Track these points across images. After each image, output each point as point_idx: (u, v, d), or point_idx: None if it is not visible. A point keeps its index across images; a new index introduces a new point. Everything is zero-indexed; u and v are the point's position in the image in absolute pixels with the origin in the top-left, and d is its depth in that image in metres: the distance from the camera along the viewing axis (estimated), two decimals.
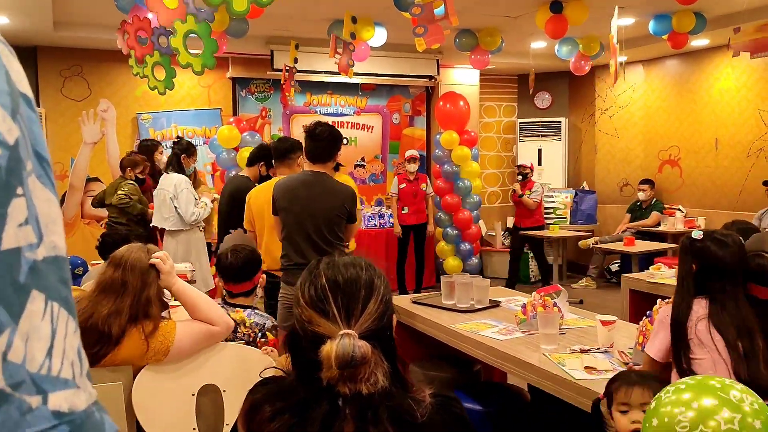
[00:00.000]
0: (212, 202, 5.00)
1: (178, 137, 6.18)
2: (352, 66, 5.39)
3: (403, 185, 7.00)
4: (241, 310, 2.62)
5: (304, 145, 3.52)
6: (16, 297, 0.37)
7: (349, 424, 1.06)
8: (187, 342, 2.17)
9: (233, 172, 5.94)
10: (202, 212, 4.81)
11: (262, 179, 4.53)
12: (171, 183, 4.78)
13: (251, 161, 4.68)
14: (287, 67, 6.27)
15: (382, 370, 1.08)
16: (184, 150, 4.96)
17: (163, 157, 5.49)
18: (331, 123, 3.63)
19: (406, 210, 6.99)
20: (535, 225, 7.25)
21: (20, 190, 0.38)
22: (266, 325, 2.62)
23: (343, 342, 1.05)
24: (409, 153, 7.11)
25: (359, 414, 1.06)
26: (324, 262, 1.18)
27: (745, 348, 2.00)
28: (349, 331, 1.08)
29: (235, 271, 2.68)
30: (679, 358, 2.08)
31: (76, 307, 0.44)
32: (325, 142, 3.43)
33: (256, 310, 2.66)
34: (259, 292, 2.86)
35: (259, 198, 3.91)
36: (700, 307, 2.11)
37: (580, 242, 7.40)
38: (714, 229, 2.28)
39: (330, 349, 1.05)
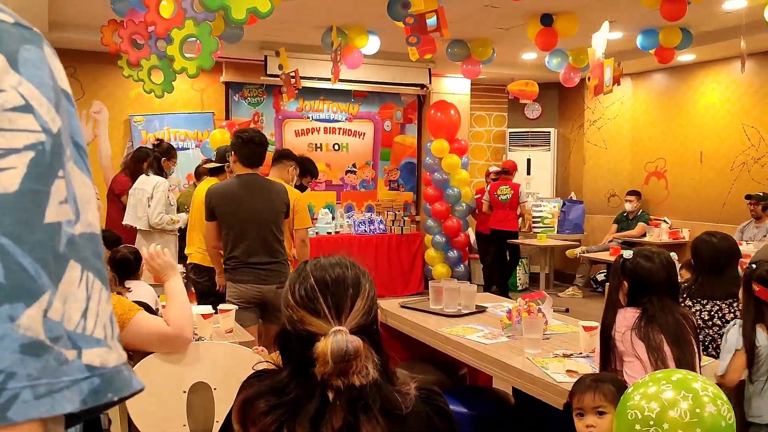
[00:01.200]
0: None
1: (158, 140, 6.21)
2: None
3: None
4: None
5: (235, 150, 3.62)
6: (56, 264, 0.43)
7: (338, 414, 1.11)
8: (143, 330, 2.18)
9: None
10: (167, 221, 4.84)
11: None
12: (150, 184, 4.84)
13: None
14: (290, 73, 6.32)
15: (372, 363, 1.14)
16: (164, 153, 5.02)
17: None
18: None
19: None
20: (507, 228, 7.33)
21: (61, 173, 0.44)
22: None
23: (336, 338, 1.11)
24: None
25: (350, 405, 1.12)
26: (311, 264, 1.24)
27: (676, 357, 2.10)
28: (341, 327, 1.14)
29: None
30: (605, 366, 2.22)
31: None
32: (261, 147, 3.60)
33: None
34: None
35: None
36: (628, 319, 2.22)
37: (567, 251, 7.51)
38: (643, 248, 2.43)
39: (325, 345, 1.11)
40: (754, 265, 2.34)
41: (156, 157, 4.93)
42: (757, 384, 2.27)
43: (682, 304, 2.83)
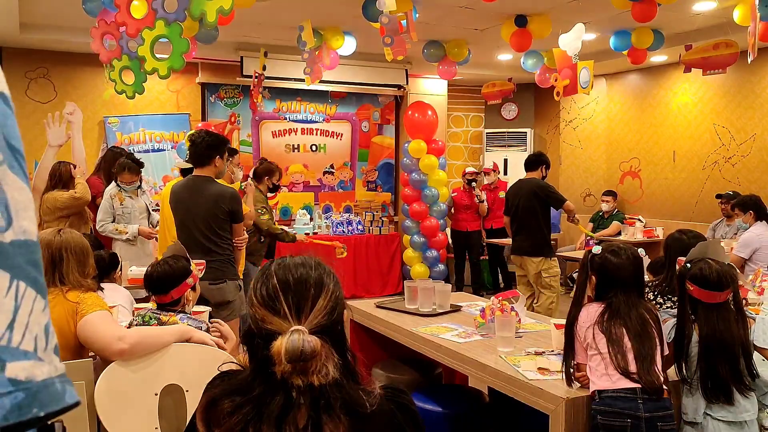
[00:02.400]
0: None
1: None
2: (317, 72, 5.48)
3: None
4: (174, 314, 2.63)
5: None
6: None
7: (302, 412, 1.12)
8: (87, 328, 2.23)
9: None
10: (110, 230, 4.81)
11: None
12: (108, 188, 4.85)
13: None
14: (256, 74, 6.31)
15: (333, 363, 1.14)
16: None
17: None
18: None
19: None
20: (478, 229, 7.66)
21: None
22: (202, 329, 2.65)
23: (292, 338, 1.12)
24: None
25: (312, 403, 1.12)
26: (275, 263, 1.25)
27: (635, 350, 2.15)
28: (300, 327, 1.14)
29: (153, 282, 2.64)
30: (569, 358, 2.28)
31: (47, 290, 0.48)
32: (201, 148, 3.68)
33: (190, 315, 2.65)
34: (189, 306, 2.75)
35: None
36: (591, 314, 2.27)
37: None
38: (611, 244, 2.47)
39: (280, 344, 1.12)
40: (688, 265, 2.38)
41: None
42: (691, 383, 2.31)
43: (654, 301, 2.87)
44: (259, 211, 4.89)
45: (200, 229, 3.64)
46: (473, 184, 7.73)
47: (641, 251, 2.42)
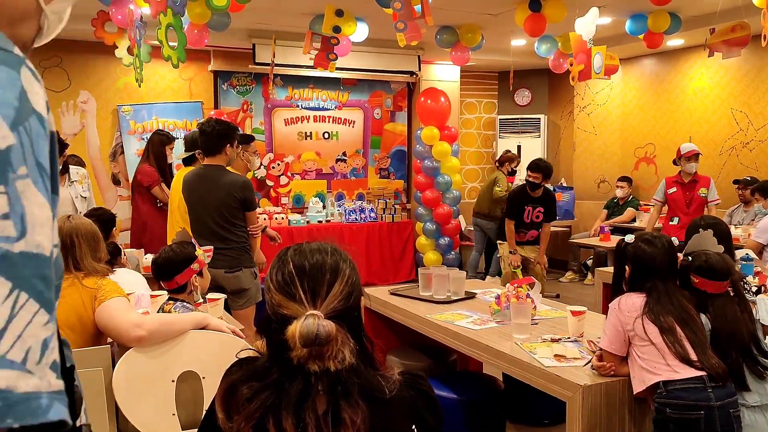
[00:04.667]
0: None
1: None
2: (335, 60, 5.42)
3: (674, 189, 5.74)
4: (172, 303, 2.63)
5: (200, 141, 3.82)
6: None
7: (322, 398, 1.12)
8: (104, 314, 2.25)
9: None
10: None
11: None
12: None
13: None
14: (272, 62, 6.29)
15: (349, 348, 1.14)
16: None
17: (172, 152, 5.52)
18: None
19: (675, 221, 5.66)
20: None
21: (2, 189, 0.43)
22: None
23: (307, 322, 1.11)
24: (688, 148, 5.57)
25: (330, 389, 1.12)
26: (292, 249, 1.25)
27: (689, 338, 2.11)
28: (315, 311, 1.14)
29: (158, 268, 2.66)
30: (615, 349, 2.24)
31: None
32: (211, 137, 3.69)
33: (185, 303, 2.62)
34: (196, 293, 2.73)
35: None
36: (637, 303, 2.24)
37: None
38: (644, 232, 2.44)
39: (294, 328, 1.11)
40: (690, 257, 2.37)
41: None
42: None
43: None
44: None
45: (214, 218, 3.65)
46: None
47: (674, 239, 2.40)
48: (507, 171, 7.03)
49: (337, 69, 6.85)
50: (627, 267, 2.35)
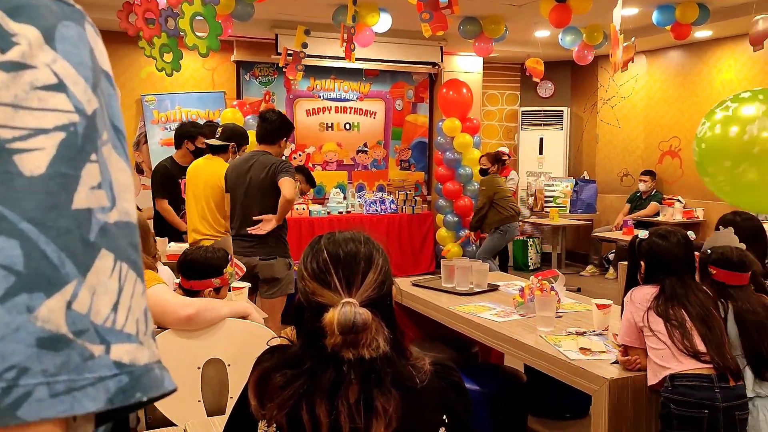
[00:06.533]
0: None
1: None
2: (353, 50, 5.42)
3: None
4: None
5: (256, 128, 3.87)
6: (84, 253, 0.40)
7: (354, 387, 1.12)
8: (150, 301, 2.24)
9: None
10: None
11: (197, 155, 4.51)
12: None
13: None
14: (289, 51, 6.29)
15: (383, 336, 1.14)
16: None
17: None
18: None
19: None
20: None
21: (94, 157, 0.41)
22: None
23: (344, 309, 1.12)
24: None
25: (363, 377, 1.12)
26: (325, 238, 1.25)
27: (702, 333, 2.08)
28: (351, 299, 1.14)
29: (183, 264, 2.58)
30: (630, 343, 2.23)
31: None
32: (275, 125, 3.76)
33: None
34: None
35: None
36: (648, 295, 2.22)
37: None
38: (658, 228, 2.42)
39: (332, 316, 1.12)
40: (709, 250, 2.37)
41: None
42: None
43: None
44: None
45: (259, 204, 3.67)
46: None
47: (691, 234, 2.37)
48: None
49: (360, 60, 6.84)
50: (642, 263, 2.32)
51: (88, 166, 0.41)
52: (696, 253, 2.41)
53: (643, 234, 2.36)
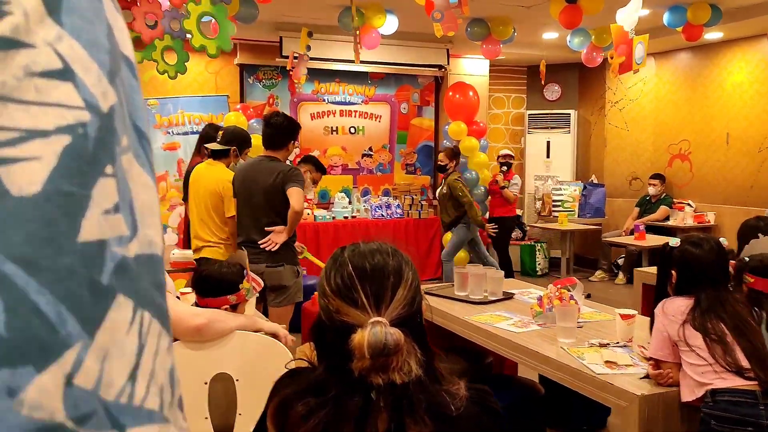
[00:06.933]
0: None
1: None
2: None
3: None
4: None
5: (262, 132, 3.79)
6: (93, 303, 0.29)
7: (383, 415, 1.01)
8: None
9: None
10: None
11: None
12: None
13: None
14: (295, 54, 6.20)
15: (415, 359, 1.03)
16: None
17: None
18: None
19: None
20: (508, 215, 7.29)
21: (110, 169, 0.31)
22: None
23: (374, 330, 1.01)
24: None
25: (394, 405, 1.01)
26: (348, 250, 1.13)
27: (744, 347, 1.97)
28: (380, 318, 1.03)
29: (197, 280, 2.43)
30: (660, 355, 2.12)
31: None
32: (281, 129, 3.68)
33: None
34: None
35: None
36: (683, 307, 2.11)
37: None
38: (690, 235, 2.32)
39: (362, 337, 1.01)
40: (746, 258, 2.28)
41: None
42: None
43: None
44: None
45: (265, 210, 3.59)
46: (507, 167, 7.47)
47: (723, 240, 2.25)
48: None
49: (365, 62, 6.75)
50: (673, 272, 2.20)
51: (101, 182, 0.30)
52: (731, 261, 2.30)
53: (674, 242, 2.25)
